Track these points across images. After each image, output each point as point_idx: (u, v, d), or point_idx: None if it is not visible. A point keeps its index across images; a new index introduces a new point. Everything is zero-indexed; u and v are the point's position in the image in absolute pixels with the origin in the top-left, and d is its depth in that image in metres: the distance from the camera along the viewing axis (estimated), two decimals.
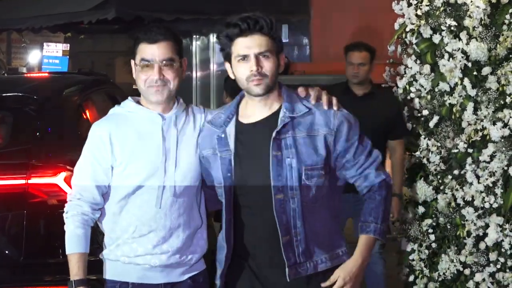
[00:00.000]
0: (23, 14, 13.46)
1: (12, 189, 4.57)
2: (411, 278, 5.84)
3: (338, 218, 3.28)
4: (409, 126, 5.69)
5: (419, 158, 5.74)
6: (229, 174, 3.17)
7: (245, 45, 3.10)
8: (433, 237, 5.67)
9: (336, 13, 11.97)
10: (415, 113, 5.70)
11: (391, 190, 3.26)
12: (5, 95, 5.10)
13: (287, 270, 3.12)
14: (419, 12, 5.63)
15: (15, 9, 13.53)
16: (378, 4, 9.07)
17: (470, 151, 5.55)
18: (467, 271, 5.54)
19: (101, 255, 3.34)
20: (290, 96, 3.20)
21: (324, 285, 3.17)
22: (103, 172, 3.26)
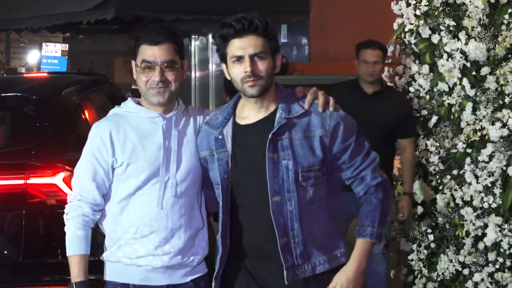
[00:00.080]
0: (22, 14, 13.46)
1: (11, 189, 4.56)
2: (410, 278, 5.85)
3: (336, 219, 3.25)
4: None
5: (418, 158, 5.74)
6: (226, 175, 3.15)
7: (240, 46, 3.07)
8: (432, 237, 5.67)
9: (335, 14, 11.97)
10: (414, 113, 5.71)
11: (388, 192, 3.21)
12: (4, 95, 5.09)
13: (285, 272, 3.09)
14: (418, 12, 5.63)
15: (14, 9, 13.52)
16: (376, 4, 9.09)
17: (469, 151, 5.55)
18: (466, 271, 5.54)
19: (102, 257, 3.32)
20: (286, 96, 3.17)
21: None
22: (103, 173, 3.24)
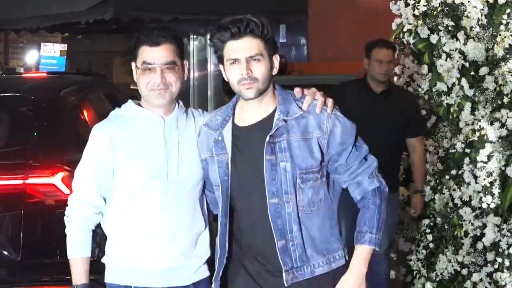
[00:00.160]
0: (20, 14, 13.45)
1: (9, 189, 4.56)
2: (409, 278, 5.85)
3: (335, 221, 3.23)
4: None
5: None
6: (226, 177, 3.13)
7: (236, 49, 3.04)
8: (430, 237, 5.67)
9: (333, 14, 11.96)
10: None
11: (385, 198, 3.17)
12: (2, 95, 5.09)
13: (284, 275, 3.08)
14: (417, 12, 5.63)
15: (12, 9, 13.50)
16: (375, 4, 9.09)
17: (467, 151, 5.55)
18: (465, 271, 5.54)
19: (103, 259, 3.31)
20: (285, 97, 3.15)
21: None
22: (104, 175, 3.22)
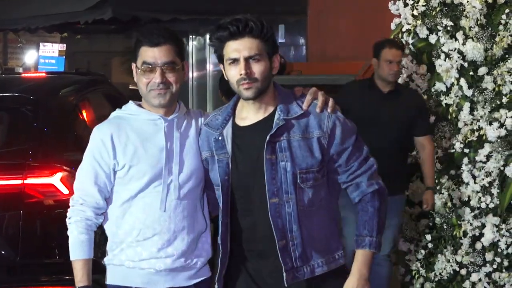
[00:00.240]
0: (19, 14, 13.44)
1: (8, 189, 4.56)
2: (408, 278, 5.85)
3: (335, 221, 3.23)
4: None
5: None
6: (226, 177, 3.14)
7: (235, 49, 3.05)
8: (429, 237, 5.67)
9: (332, 14, 11.95)
10: None
11: (385, 200, 3.16)
12: (1, 95, 5.09)
13: (284, 275, 3.07)
14: (416, 12, 5.64)
15: (11, 9, 13.49)
16: (374, 4, 9.09)
17: (466, 151, 5.55)
18: (464, 271, 5.54)
19: (104, 260, 3.30)
20: (285, 97, 3.15)
21: None
22: (105, 176, 3.22)
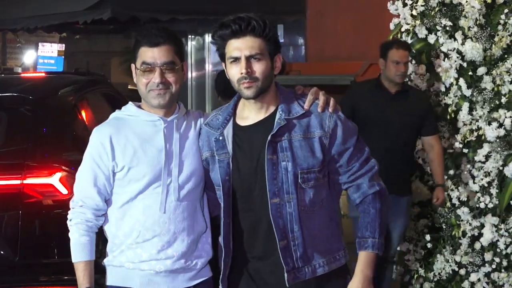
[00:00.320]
0: (18, 14, 13.43)
1: (7, 189, 4.55)
2: (407, 278, 5.85)
3: (336, 221, 3.22)
4: None
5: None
6: (227, 177, 3.13)
7: (236, 47, 3.04)
8: (428, 237, 5.67)
9: (331, 14, 11.95)
10: None
11: (386, 201, 3.16)
12: (0, 95, 5.09)
13: (286, 275, 3.07)
14: (414, 12, 5.64)
15: (10, 9, 13.49)
16: (373, 4, 9.09)
17: (465, 151, 5.56)
18: (463, 271, 5.54)
19: (104, 262, 3.30)
20: (287, 97, 3.14)
21: None
22: (105, 178, 3.22)
